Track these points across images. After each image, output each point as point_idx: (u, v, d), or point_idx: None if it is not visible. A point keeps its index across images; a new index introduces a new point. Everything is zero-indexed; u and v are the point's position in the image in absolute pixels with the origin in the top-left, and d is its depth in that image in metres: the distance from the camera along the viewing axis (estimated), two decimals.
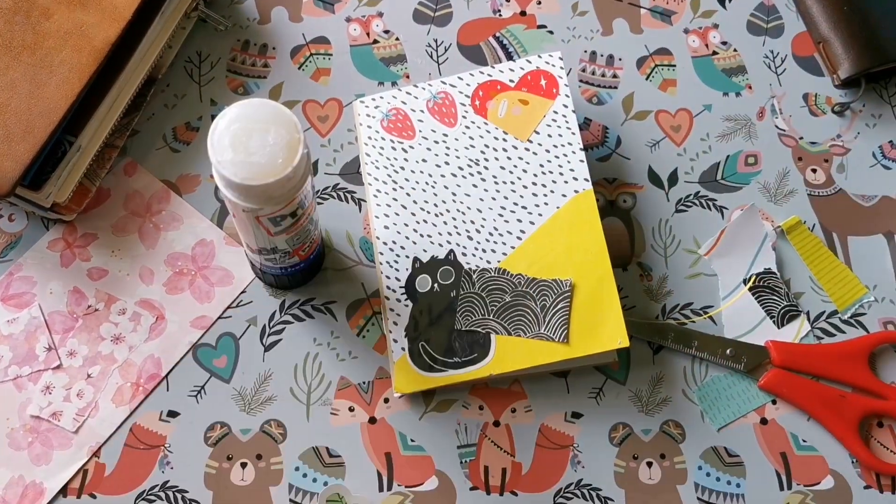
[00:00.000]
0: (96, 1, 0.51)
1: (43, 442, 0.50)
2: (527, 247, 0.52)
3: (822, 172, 0.59)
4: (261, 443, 0.51)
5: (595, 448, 0.52)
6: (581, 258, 0.51)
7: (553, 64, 0.56)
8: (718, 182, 0.58)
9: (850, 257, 0.57)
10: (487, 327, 0.51)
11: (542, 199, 0.53)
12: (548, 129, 0.54)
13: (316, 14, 0.61)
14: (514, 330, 0.50)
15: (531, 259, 0.52)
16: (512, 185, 0.53)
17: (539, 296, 0.51)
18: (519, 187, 0.53)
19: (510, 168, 0.53)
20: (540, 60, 0.56)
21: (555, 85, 0.55)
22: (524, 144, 0.54)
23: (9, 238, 0.54)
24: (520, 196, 0.53)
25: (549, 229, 0.52)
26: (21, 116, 0.49)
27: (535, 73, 0.55)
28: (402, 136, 0.55)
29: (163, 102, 0.57)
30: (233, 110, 0.38)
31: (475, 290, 0.51)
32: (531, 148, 0.54)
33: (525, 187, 0.53)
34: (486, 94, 0.55)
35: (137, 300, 0.53)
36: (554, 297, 0.51)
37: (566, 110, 0.54)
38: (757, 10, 0.63)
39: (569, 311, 0.50)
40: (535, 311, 0.51)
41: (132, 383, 0.51)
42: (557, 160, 0.53)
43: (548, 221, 0.52)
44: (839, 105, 0.61)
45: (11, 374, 0.51)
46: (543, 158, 0.53)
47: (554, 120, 0.54)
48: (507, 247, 0.52)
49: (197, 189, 0.55)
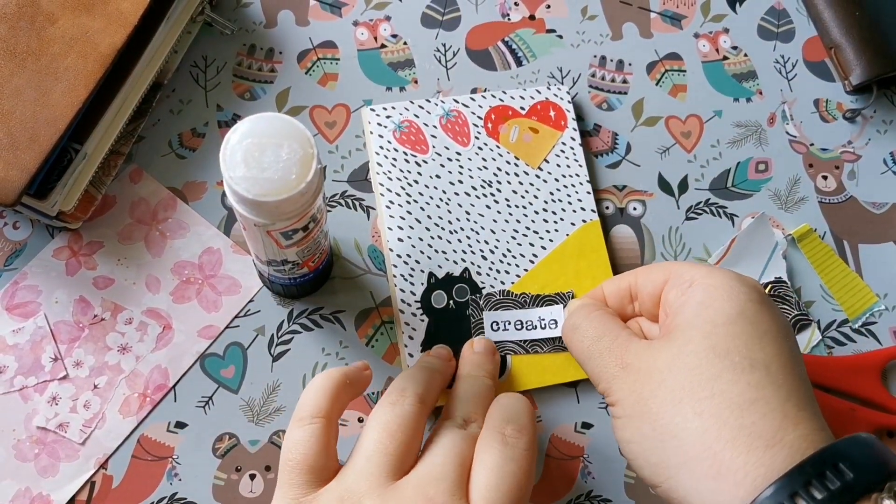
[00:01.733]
0: (102, 6, 0.50)
1: (49, 454, 0.49)
2: (539, 270, 0.53)
3: (832, 179, 0.59)
4: (270, 454, 0.50)
5: (605, 459, 0.52)
6: (590, 284, 0.52)
7: (561, 97, 0.57)
8: (729, 189, 0.58)
9: (861, 265, 0.57)
10: (505, 349, 0.51)
11: (552, 225, 0.54)
12: (556, 158, 0.55)
13: (323, 18, 0.60)
14: (531, 347, 0.51)
15: (543, 282, 0.53)
16: (524, 209, 0.54)
17: (545, 307, 0.52)
18: (531, 212, 0.54)
19: (522, 193, 0.54)
20: (549, 92, 0.57)
21: (563, 118, 0.56)
22: (535, 171, 0.55)
23: (13, 246, 0.53)
24: (531, 221, 0.54)
25: (560, 255, 0.53)
26: (26, 124, 0.48)
27: (544, 103, 0.57)
28: (416, 150, 0.55)
29: (168, 108, 0.57)
30: (245, 125, 0.38)
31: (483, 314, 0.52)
32: (541, 175, 0.55)
33: (536, 213, 0.54)
34: (499, 118, 0.56)
35: (144, 309, 0.52)
36: (563, 305, 0.52)
37: (574, 143, 0.56)
38: (768, 14, 0.63)
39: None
40: (547, 325, 0.51)
41: (139, 394, 0.51)
42: (566, 189, 0.55)
43: (558, 247, 0.53)
44: (850, 111, 0.60)
45: (17, 384, 0.50)
46: (553, 187, 0.55)
47: (562, 151, 0.55)
48: (521, 269, 0.53)
49: (203, 196, 0.55)
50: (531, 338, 0.51)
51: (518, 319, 0.51)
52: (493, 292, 0.52)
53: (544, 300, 0.52)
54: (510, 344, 0.51)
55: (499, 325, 0.51)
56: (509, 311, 0.52)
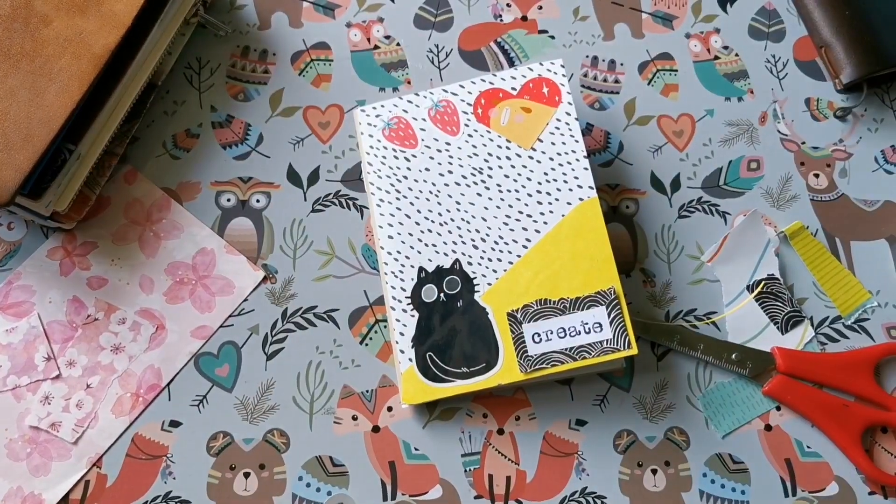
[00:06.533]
0: (96, 8, 0.51)
1: (42, 453, 0.49)
2: (532, 255, 0.52)
3: (824, 177, 0.59)
4: (264, 452, 0.50)
5: (599, 456, 0.52)
6: (587, 266, 0.51)
7: (555, 72, 0.55)
8: (721, 187, 0.58)
9: (853, 262, 0.57)
10: (551, 360, 0.49)
11: (546, 207, 0.52)
12: (551, 136, 0.54)
13: (316, 19, 0.60)
14: (579, 354, 0.49)
15: (537, 268, 0.51)
16: (516, 193, 0.53)
17: (587, 310, 0.50)
18: (524, 195, 0.53)
19: (514, 176, 0.53)
20: (542, 68, 0.55)
21: (557, 93, 0.55)
22: (527, 153, 0.54)
23: (8, 247, 0.53)
24: (524, 204, 0.53)
25: (555, 238, 0.52)
26: (21, 125, 0.48)
27: (536, 80, 0.55)
28: (405, 145, 0.54)
29: (162, 109, 0.57)
30: None
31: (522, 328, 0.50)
32: (534, 156, 0.54)
33: (530, 195, 0.53)
34: (489, 102, 0.55)
35: (137, 309, 0.52)
36: (605, 307, 0.50)
37: (569, 118, 0.54)
38: (758, 14, 0.63)
39: (623, 316, 0.49)
40: (591, 328, 0.50)
41: (132, 393, 0.50)
42: (561, 168, 0.53)
43: (553, 230, 0.52)
44: (841, 110, 0.60)
45: (10, 384, 0.50)
46: (547, 167, 0.53)
47: (557, 128, 0.54)
48: (513, 255, 0.52)
49: (197, 196, 0.55)
50: (576, 344, 0.49)
51: (560, 327, 0.49)
52: (531, 302, 0.50)
53: (585, 302, 0.50)
54: (556, 354, 0.49)
55: (540, 336, 0.50)
56: (549, 319, 0.50)
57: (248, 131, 0.57)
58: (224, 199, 0.55)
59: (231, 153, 0.56)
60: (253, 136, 0.57)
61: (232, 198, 0.55)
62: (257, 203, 0.55)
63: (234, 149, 0.56)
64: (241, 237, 0.54)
